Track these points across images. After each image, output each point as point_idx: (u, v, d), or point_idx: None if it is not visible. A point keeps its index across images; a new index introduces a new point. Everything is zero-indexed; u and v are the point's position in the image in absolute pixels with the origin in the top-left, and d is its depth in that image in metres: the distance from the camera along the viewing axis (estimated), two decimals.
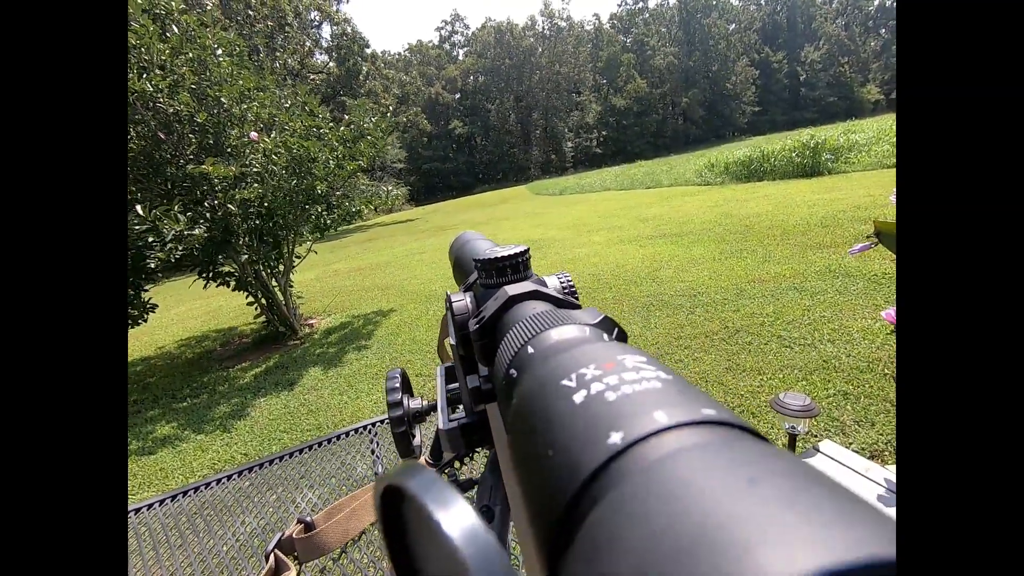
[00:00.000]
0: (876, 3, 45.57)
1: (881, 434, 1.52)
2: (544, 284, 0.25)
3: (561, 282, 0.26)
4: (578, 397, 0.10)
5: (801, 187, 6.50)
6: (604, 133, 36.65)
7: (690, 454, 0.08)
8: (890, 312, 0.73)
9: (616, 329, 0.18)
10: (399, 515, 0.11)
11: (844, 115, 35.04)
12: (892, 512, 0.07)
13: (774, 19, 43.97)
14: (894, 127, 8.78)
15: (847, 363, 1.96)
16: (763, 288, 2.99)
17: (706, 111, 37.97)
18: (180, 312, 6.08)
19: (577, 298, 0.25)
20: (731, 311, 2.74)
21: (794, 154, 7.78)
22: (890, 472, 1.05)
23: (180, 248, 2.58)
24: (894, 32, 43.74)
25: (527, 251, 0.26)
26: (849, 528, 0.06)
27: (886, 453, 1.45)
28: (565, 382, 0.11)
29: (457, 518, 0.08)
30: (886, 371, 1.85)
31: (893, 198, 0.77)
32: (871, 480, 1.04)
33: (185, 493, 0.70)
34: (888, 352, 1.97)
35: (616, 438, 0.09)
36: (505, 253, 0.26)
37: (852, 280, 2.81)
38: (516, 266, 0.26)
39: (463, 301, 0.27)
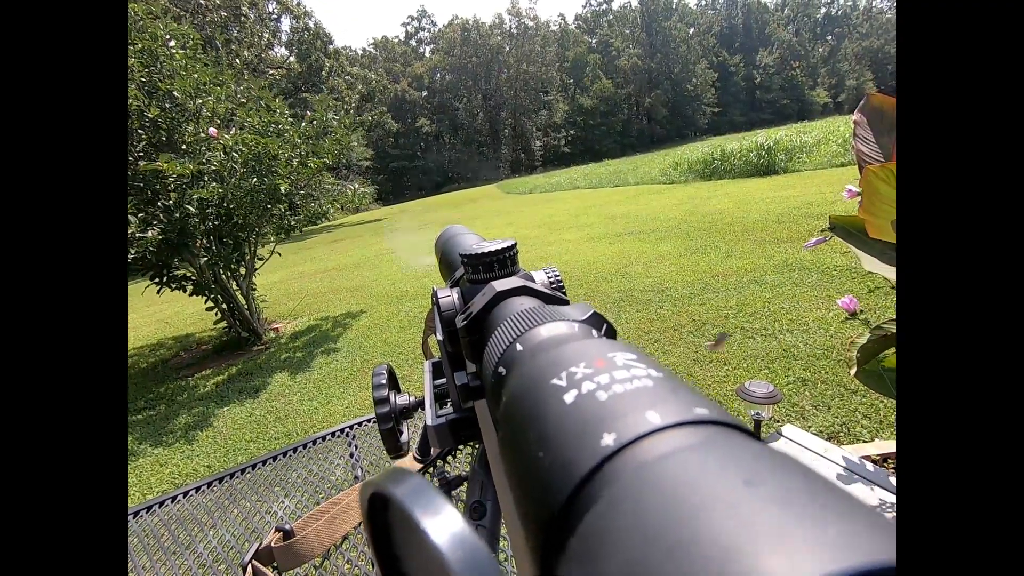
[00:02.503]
0: (823, 11, 48.24)
1: (836, 417, 1.62)
2: (532, 279, 0.25)
3: (549, 277, 0.26)
4: (569, 397, 0.10)
5: (759, 185, 6.80)
6: (572, 132, 37.00)
7: (684, 455, 0.08)
8: (844, 300, 0.78)
9: (605, 325, 0.18)
10: (386, 522, 0.11)
11: (797, 116, 36.91)
12: (851, 489, 0.07)
13: (731, 24, 45.73)
14: (841, 128, 9.32)
15: (804, 351, 2.07)
16: (726, 282, 3.11)
17: (669, 112, 39.01)
18: (131, 320, 5.72)
19: (565, 293, 0.25)
20: (697, 305, 2.84)
21: (752, 154, 8.15)
22: (847, 452, 1.12)
23: (131, 252, 2.42)
24: (840, 39, 46.41)
25: (514, 245, 0.26)
26: (847, 531, 0.06)
27: (842, 435, 1.54)
28: (555, 381, 0.11)
29: (445, 526, 0.08)
30: (839, 358, 1.97)
31: (845, 194, 0.83)
32: (829, 460, 1.11)
33: (149, 508, 0.65)
34: (840, 340, 2.10)
35: (609, 439, 0.08)
36: (492, 248, 0.25)
37: (807, 273, 2.97)
38: (503, 261, 0.25)
39: (450, 297, 0.26)
